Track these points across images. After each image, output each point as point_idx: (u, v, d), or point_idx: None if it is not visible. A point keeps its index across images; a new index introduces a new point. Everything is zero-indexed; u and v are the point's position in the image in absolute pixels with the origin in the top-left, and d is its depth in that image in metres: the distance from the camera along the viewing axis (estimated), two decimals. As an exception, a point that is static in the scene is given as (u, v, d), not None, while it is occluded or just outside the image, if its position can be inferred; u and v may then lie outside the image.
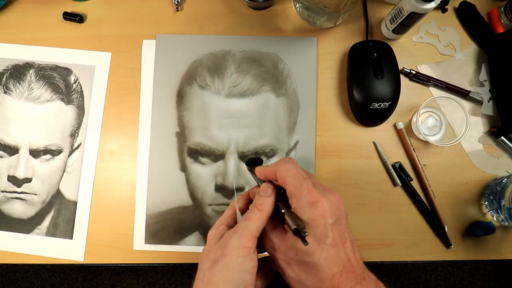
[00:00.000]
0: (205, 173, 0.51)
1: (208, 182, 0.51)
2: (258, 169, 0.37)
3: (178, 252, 0.51)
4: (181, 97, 0.53)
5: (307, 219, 0.30)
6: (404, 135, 0.51)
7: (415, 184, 0.51)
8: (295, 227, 0.29)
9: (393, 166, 0.51)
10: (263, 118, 0.51)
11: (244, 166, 0.51)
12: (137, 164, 0.52)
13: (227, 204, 0.51)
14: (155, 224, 0.51)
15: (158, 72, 0.53)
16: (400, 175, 0.51)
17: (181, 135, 0.52)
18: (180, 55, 0.53)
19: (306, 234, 0.29)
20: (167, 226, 0.51)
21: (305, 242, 0.28)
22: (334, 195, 0.32)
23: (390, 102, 0.50)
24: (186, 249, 0.51)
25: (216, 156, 0.51)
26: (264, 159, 0.51)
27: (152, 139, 0.52)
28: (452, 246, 0.50)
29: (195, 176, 0.51)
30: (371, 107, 0.50)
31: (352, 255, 0.31)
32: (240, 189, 0.51)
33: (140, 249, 0.51)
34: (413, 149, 0.51)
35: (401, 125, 0.51)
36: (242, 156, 0.51)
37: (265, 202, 0.33)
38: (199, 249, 0.51)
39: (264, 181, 0.36)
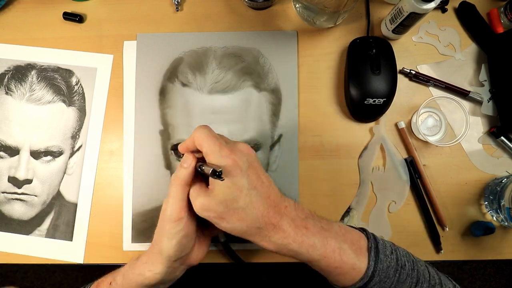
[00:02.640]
0: None
1: None
2: (180, 145, 0.39)
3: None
4: (163, 95, 0.53)
5: (225, 171, 0.34)
6: (406, 135, 0.51)
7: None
8: (212, 169, 0.32)
9: (405, 160, 0.51)
10: (246, 113, 0.52)
11: None
12: (123, 164, 0.52)
13: None
14: (142, 223, 0.51)
15: (140, 71, 0.53)
16: (410, 172, 0.50)
17: (165, 133, 0.52)
18: (161, 53, 0.53)
19: (221, 170, 0.32)
20: (155, 224, 0.51)
21: (221, 178, 0.32)
22: (242, 145, 0.37)
23: (385, 99, 0.49)
24: None
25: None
26: None
27: (136, 138, 0.52)
28: (442, 252, 0.50)
29: None
30: (365, 102, 0.49)
31: (272, 192, 0.36)
32: None
33: (128, 249, 0.51)
34: (414, 148, 0.51)
35: (402, 125, 0.51)
36: None
37: (184, 173, 0.37)
38: None
39: None
